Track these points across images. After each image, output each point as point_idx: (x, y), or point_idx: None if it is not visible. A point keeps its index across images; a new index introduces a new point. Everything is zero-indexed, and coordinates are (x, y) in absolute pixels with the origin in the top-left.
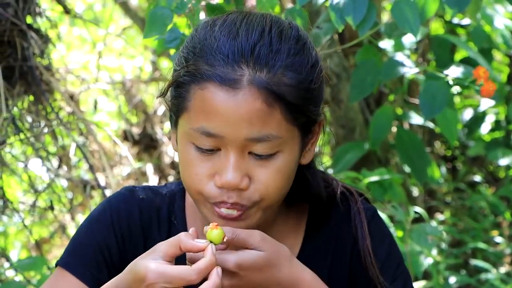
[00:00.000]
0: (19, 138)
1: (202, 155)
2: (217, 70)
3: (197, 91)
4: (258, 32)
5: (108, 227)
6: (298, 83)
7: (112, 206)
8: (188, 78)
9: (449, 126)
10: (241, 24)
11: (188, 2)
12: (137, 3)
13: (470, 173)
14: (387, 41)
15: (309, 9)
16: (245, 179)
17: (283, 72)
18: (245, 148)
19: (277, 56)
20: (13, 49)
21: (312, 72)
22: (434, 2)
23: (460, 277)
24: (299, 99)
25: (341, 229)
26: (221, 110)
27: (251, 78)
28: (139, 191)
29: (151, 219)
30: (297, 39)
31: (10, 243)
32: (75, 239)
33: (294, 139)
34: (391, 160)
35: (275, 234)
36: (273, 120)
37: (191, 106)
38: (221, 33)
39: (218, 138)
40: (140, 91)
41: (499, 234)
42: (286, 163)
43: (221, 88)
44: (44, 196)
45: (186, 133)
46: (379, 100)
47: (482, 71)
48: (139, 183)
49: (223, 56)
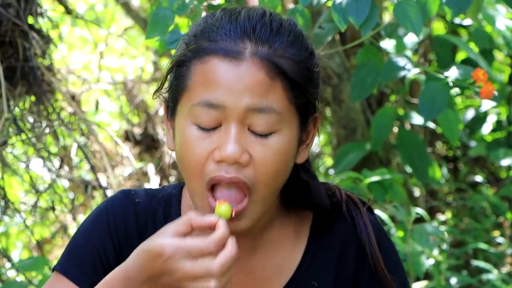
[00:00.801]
0: (21, 138)
1: (203, 133)
2: (220, 44)
3: (198, 66)
4: (258, 16)
5: (104, 231)
6: (299, 61)
7: (108, 210)
8: (190, 54)
9: (450, 126)
10: (241, 10)
11: (190, 3)
12: (138, 4)
13: (471, 174)
14: (388, 41)
15: (311, 9)
16: (245, 154)
17: (284, 49)
18: (245, 120)
19: (277, 36)
20: (15, 50)
21: (310, 58)
22: (434, 2)
23: (462, 278)
24: (299, 76)
25: (346, 240)
26: (224, 80)
27: (253, 50)
28: (135, 195)
29: (147, 222)
30: (295, 30)
31: (12, 243)
32: (71, 243)
33: (292, 121)
34: (392, 161)
35: (272, 237)
36: (275, 93)
37: (192, 84)
38: (222, 17)
39: (219, 108)
40: (141, 92)
41: (500, 235)
42: (283, 145)
43: (224, 59)
44: (46, 197)
45: (187, 113)
46: (381, 101)
47: (481, 73)
48: (140, 184)
49: (225, 31)
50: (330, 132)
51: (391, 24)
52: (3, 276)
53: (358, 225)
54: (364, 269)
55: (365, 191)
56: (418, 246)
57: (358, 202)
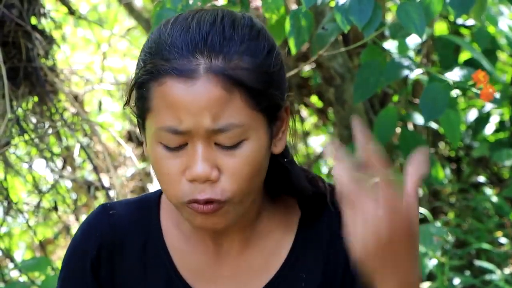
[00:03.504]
0: (24, 139)
1: (170, 153)
2: (173, 63)
3: (156, 88)
4: (209, 23)
5: (83, 253)
6: (256, 67)
7: (84, 230)
8: (147, 77)
9: (452, 127)
10: (192, 19)
11: (194, 4)
12: (141, 4)
13: (474, 174)
14: (392, 42)
15: (314, 10)
16: (214, 170)
17: (239, 58)
18: (210, 139)
19: (231, 43)
20: (18, 50)
21: (269, 57)
22: (438, 3)
23: (465, 278)
24: (258, 82)
25: (335, 232)
26: (182, 103)
27: (207, 66)
28: (109, 207)
29: (124, 229)
30: (250, 26)
31: (15, 243)
32: (61, 271)
33: (259, 125)
34: (395, 161)
35: (260, 229)
36: (234, 107)
37: (153, 106)
38: (174, 29)
39: (183, 133)
40: None
41: (503, 235)
42: (254, 152)
43: (179, 80)
44: (48, 197)
45: (153, 134)
46: (383, 101)
47: (482, 75)
48: (143, 184)
49: (177, 49)
50: (332, 133)
51: (395, 24)
52: (6, 277)
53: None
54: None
55: None
56: (422, 247)
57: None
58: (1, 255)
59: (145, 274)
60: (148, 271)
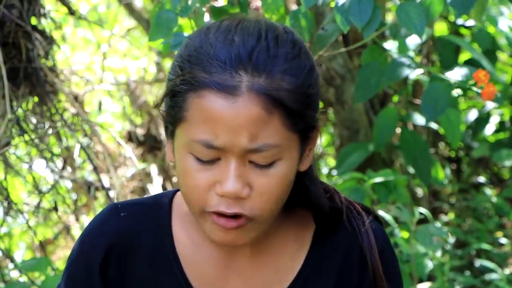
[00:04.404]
0: (24, 139)
1: (201, 166)
2: (215, 77)
3: (194, 100)
4: (255, 38)
5: (91, 253)
6: (297, 88)
7: (93, 230)
8: (185, 87)
9: (452, 127)
10: (236, 30)
11: (193, 5)
12: (141, 4)
13: (474, 174)
14: (392, 42)
15: (314, 10)
16: (246, 188)
17: (281, 77)
18: (245, 157)
19: (275, 61)
20: (18, 51)
21: (309, 77)
22: (439, 3)
23: (465, 279)
24: (298, 104)
25: (349, 250)
26: (221, 119)
27: (250, 84)
28: (121, 208)
29: (134, 233)
30: (293, 43)
31: (15, 244)
32: (66, 269)
33: (293, 146)
34: (395, 161)
35: (275, 241)
36: (272, 128)
37: (189, 116)
38: (217, 39)
39: (218, 148)
40: (144, 92)
41: (503, 235)
42: (286, 171)
43: (220, 95)
44: (49, 197)
45: (185, 144)
46: (384, 101)
47: (483, 74)
48: (143, 184)
49: (220, 63)
50: (333, 133)
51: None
52: (6, 277)
53: (359, 235)
54: (365, 280)
55: (369, 192)
56: (422, 247)
57: (360, 210)
58: (1, 256)
59: (155, 281)
60: (158, 278)
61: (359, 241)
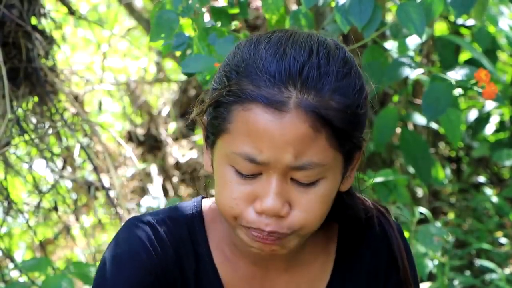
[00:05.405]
0: (24, 139)
1: (241, 179)
2: (263, 91)
3: (240, 112)
4: (306, 53)
5: (143, 270)
6: (346, 107)
7: (133, 249)
8: (231, 98)
9: (452, 127)
10: (287, 43)
11: (193, 5)
12: (142, 4)
13: (474, 174)
14: (392, 42)
15: (314, 10)
16: (286, 206)
17: (331, 96)
18: (287, 174)
19: (326, 78)
20: (18, 51)
21: (359, 97)
22: (439, 3)
23: (465, 279)
24: (345, 124)
25: (376, 253)
26: (267, 134)
27: (298, 100)
28: (158, 225)
29: (177, 252)
30: (344, 61)
31: (15, 244)
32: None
33: (337, 166)
34: (395, 161)
35: (306, 255)
36: (318, 147)
37: (233, 128)
38: (267, 52)
39: (260, 164)
40: (144, 92)
41: (503, 235)
42: (328, 190)
43: (267, 110)
44: (49, 197)
45: (226, 156)
46: (384, 101)
47: (484, 73)
48: (143, 184)
49: (269, 77)
50: None
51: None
52: (6, 277)
53: (390, 237)
54: (391, 277)
55: (369, 192)
56: (422, 247)
57: (386, 212)
58: (1, 255)
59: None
60: None
61: (389, 243)
